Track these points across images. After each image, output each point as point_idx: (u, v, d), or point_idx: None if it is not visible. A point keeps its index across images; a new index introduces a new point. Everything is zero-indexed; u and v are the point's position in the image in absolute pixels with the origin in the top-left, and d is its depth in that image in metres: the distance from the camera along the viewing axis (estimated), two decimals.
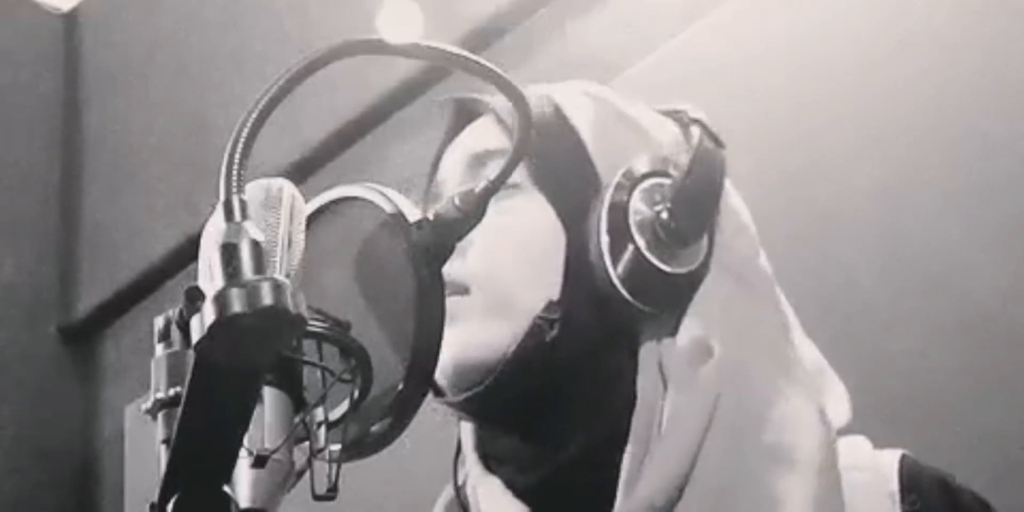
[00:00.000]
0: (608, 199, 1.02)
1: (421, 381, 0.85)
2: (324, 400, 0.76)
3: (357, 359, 0.78)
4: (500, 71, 0.87)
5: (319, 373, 0.76)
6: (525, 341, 1.01)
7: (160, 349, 0.74)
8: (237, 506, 0.69)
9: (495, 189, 0.93)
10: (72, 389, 3.24)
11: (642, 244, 1.00)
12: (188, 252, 2.13)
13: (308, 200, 0.86)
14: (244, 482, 0.71)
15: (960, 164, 1.80)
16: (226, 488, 0.68)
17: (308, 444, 0.75)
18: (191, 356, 0.65)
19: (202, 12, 3.15)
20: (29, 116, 3.41)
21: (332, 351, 0.77)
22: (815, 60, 1.99)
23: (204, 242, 0.75)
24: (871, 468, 1.01)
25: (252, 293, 0.63)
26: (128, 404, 3.02)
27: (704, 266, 1.03)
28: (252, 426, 0.70)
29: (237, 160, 0.70)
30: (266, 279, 0.64)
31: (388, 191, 0.92)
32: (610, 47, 2.30)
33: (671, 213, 1.01)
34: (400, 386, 0.83)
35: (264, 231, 0.74)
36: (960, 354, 1.72)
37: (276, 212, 0.78)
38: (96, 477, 3.17)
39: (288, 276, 0.76)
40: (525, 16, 2.46)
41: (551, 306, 1.02)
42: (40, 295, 3.27)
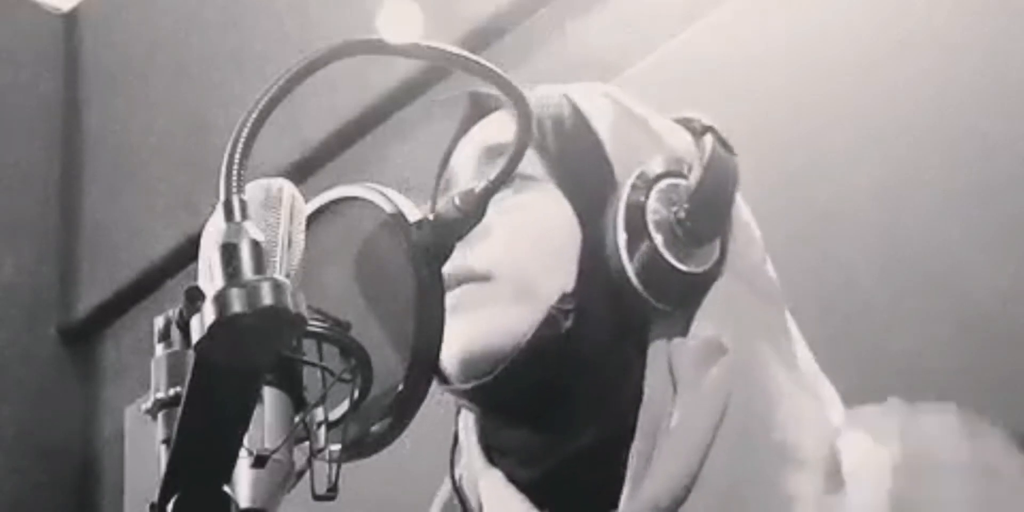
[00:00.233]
0: (626, 196, 1.03)
1: (421, 381, 0.85)
2: (324, 400, 0.76)
3: (357, 359, 0.78)
4: (500, 71, 0.87)
5: (319, 373, 0.76)
6: (540, 330, 1.02)
7: (160, 349, 0.74)
8: (237, 506, 0.69)
9: (495, 189, 0.93)
10: (72, 389, 3.24)
11: (658, 241, 1.01)
12: (188, 252, 2.13)
13: (308, 200, 0.86)
14: (244, 482, 0.71)
15: (960, 164, 1.80)
16: (226, 488, 0.68)
17: (308, 444, 0.75)
18: (191, 356, 0.66)
19: (202, 12, 3.15)
20: (29, 116, 3.41)
21: (332, 351, 0.77)
22: (815, 60, 1.99)
23: (204, 242, 0.75)
24: (866, 470, 1.01)
25: (252, 293, 0.64)
26: (128, 404, 3.02)
27: (716, 268, 1.04)
28: (252, 426, 0.70)
29: (237, 160, 0.70)
30: (266, 279, 0.64)
31: (388, 191, 0.92)
32: (610, 47, 2.30)
33: (687, 213, 1.02)
34: (400, 386, 0.83)
35: (264, 231, 0.74)
36: (960, 354, 1.72)
37: (276, 212, 0.78)
38: (96, 477, 3.17)
39: (288, 276, 0.76)
40: (525, 16, 2.46)
41: (565, 298, 1.03)
42: (40, 295, 3.27)
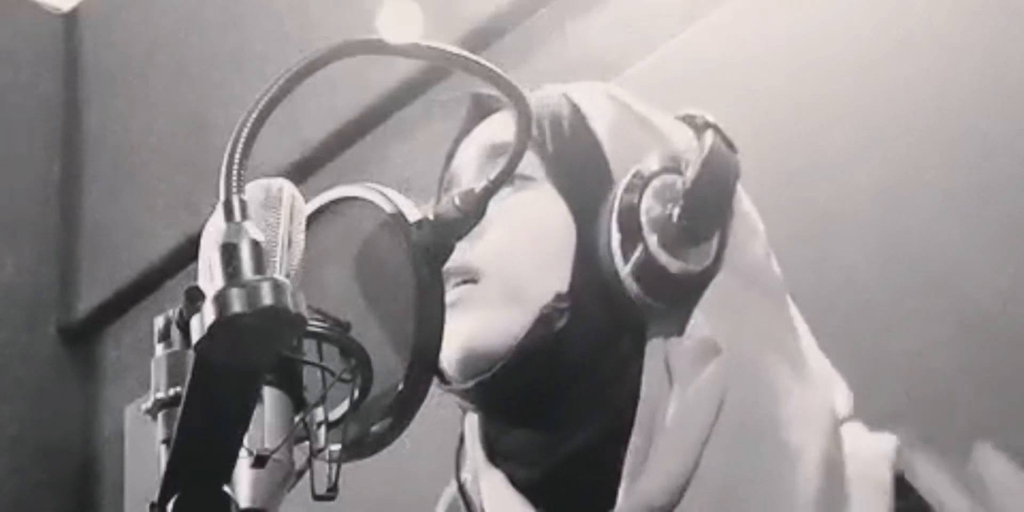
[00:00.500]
0: (620, 195, 1.03)
1: (421, 381, 0.85)
2: (324, 400, 0.76)
3: (357, 359, 0.78)
4: (500, 71, 0.87)
5: (319, 373, 0.76)
6: (534, 330, 1.02)
7: (160, 349, 0.74)
8: (237, 506, 0.69)
9: (495, 189, 0.93)
10: (72, 389, 3.24)
11: (652, 241, 1.01)
12: (188, 252, 2.13)
13: (308, 200, 0.86)
14: (244, 482, 0.71)
15: (960, 164, 1.80)
16: (226, 488, 0.68)
17: (308, 444, 0.75)
18: (191, 356, 0.66)
19: (202, 12, 3.15)
20: (29, 116, 3.41)
21: (332, 351, 0.77)
22: (815, 60, 1.99)
23: (204, 242, 0.75)
24: (865, 458, 1.01)
25: (252, 293, 0.63)
26: (128, 404, 3.02)
27: (713, 266, 1.03)
28: (252, 426, 0.70)
29: (237, 160, 0.70)
30: (266, 279, 0.64)
31: (388, 191, 0.92)
32: (610, 47, 2.30)
33: (683, 210, 1.02)
34: (400, 386, 0.83)
35: (264, 231, 0.74)
36: (960, 354, 1.72)
37: (276, 212, 0.78)
38: (96, 477, 3.17)
39: (288, 276, 0.76)
40: (525, 16, 2.46)
41: (559, 297, 1.03)
42: (40, 295, 3.27)
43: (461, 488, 1.09)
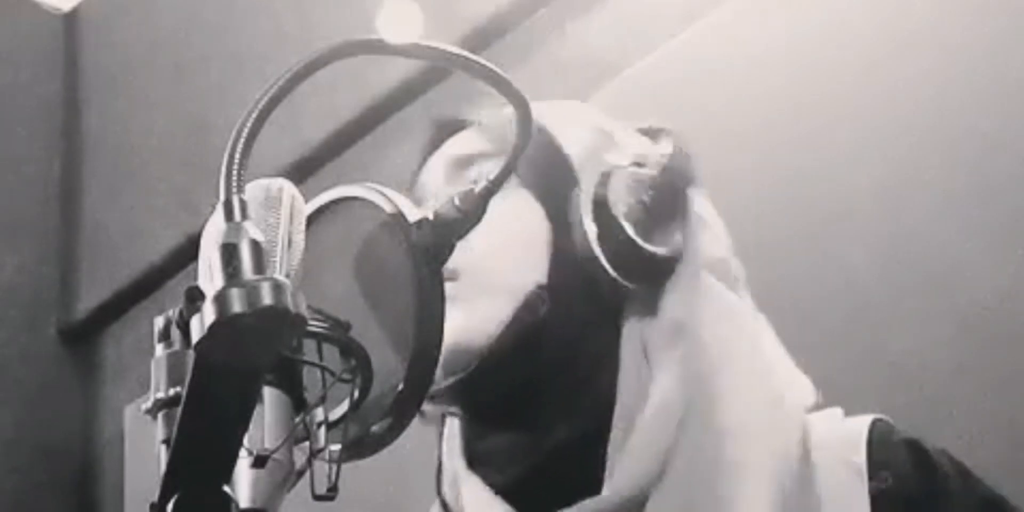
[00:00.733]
0: (591, 184, 1.06)
1: (421, 381, 0.85)
2: (324, 400, 0.76)
3: (357, 359, 0.78)
4: (500, 71, 0.87)
5: (319, 373, 0.76)
6: (518, 316, 1.03)
7: (160, 349, 0.74)
8: (237, 506, 0.69)
9: (495, 189, 0.93)
10: (72, 389, 3.24)
11: (625, 225, 1.04)
12: (188, 252, 2.13)
13: (308, 200, 0.86)
14: (244, 482, 0.71)
15: (960, 164, 1.80)
16: (226, 488, 0.68)
17: (308, 444, 0.75)
18: (191, 356, 0.65)
19: (202, 12, 3.15)
20: (29, 116, 3.41)
21: (332, 351, 0.77)
22: (815, 60, 1.99)
23: (204, 242, 0.75)
24: (837, 442, 1.01)
25: (252, 293, 0.63)
26: (128, 404, 3.02)
27: (682, 250, 1.06)
28: (252, 426, 0.70)
29: (237, 160, 0.70)
30: (266, 279, 0.64)
31: (388, 191, 0.92)
32: (610, 47, 2.30)
33: (649, 195, 1.06)
34: (400, 386, 0.83)
35: (264, 231, 0.74)
36: (960, 354, 1.72)
37: (276, 212, 0.78)
38: (96, 477, 3.17)
39: (288, 276, 0.76)
40: (525, 16, 2.47)
41: (540, 287, 1.05)
42: (40, 295, 3.27)
43: (444, 506, 1.09)
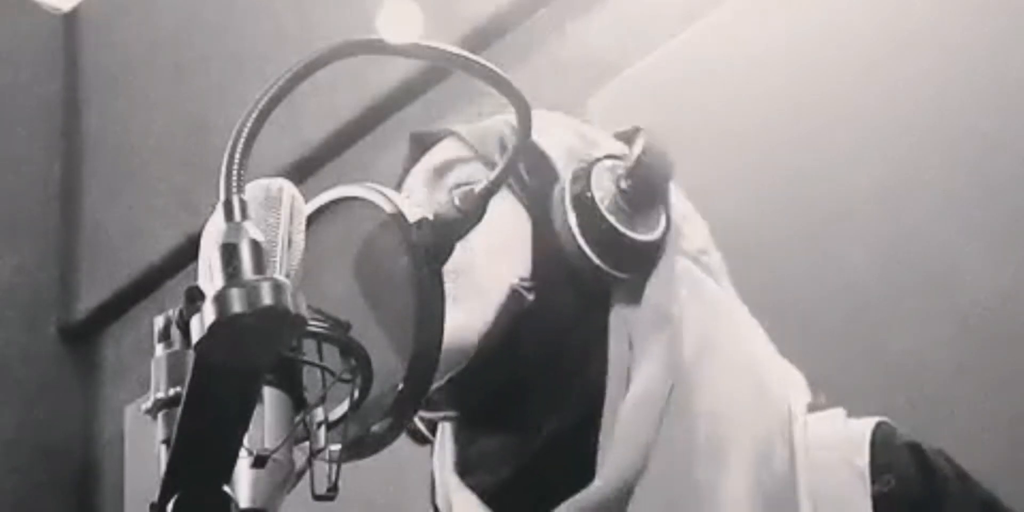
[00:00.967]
0: (570, 178, 1.05)
1: (421, 381, 0.85)
2: (324, 400, 0.76)
3: (357, 359, 0.78)
4: (500, 71, 0.87)
5: (319, 373, 0.76)
6: (505, 309, 1.03)
7: (160, 349, 0.74)
8: (237, 506, 0.69)
9: (495, 189, 0.93)
10: (72, 389, 3.24)
11: (606, 213, 1.04)
12: (188, 252, 2.13)
13: (308, 200, 0.86)
14: (244, 482, 0.71)
15: (960, 164, 1.80)
16: (226, 488, 0.68)
17: (308, 444, 0.75)
18: (191, 356, 0.65)
19: (202, 12, 3.15)
20: (29, 116, 3.41)
21: (332, 351, 0.77)
22: (815, 60, 1.99)
23: (204, 242, 0.75)
24: (840, 444, 1.01)
25: (252, 293, 0.63)
26: (128, 404, 3.02)
27: (664, 238, 1.06)
28: (252, 426, 0.70)
29: (237, 160, 0.70)
30: (266, 279, 0.64)
31: (388, 191, 0.92)
32: (610, 47, 2.30)
33: (629, 183, 1.05)
34: (400, 386, 0.83)
35: (264, 231, 0.74)
36: (960, 354, 1.72)
37: (276, 212, 0.78)
38: (96, 477, 3.17)
39: (288, 276, 0.76)
40: (525, 16, 2.47)
41: (524, 278, 1.05)
42: (40, 295, 3.27)
43: None
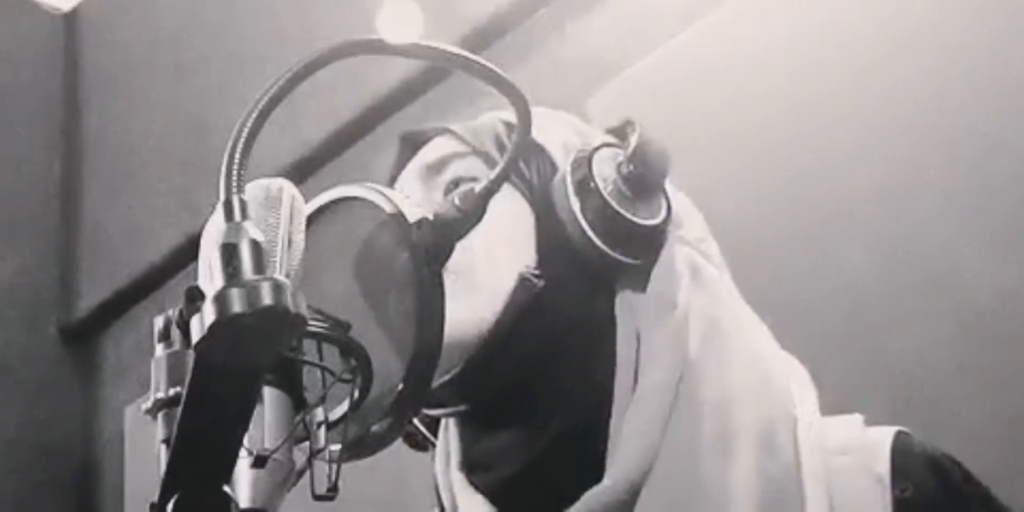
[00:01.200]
0: (571, 164, 1.05)
1: (421, 381, 0.85)
2: (324, 400, 0.76)
3: (357, 359, 0.78)
4: (500, 71, 0.87)
5: (319, 373, 0.76)
6: (513, 299, 1.02)
7: (160, 349, 0.74)
8: (237, 506, 0.69)
9: (496, 188, 0.93)
10: (72, 389, 3.24)
11: (609, 198, 1.03)
12: (188, 252, 2.13)
13: (308, 200, 0.86)
14: (244, 482, 0.71)
15: (960, 164, 1.80)
16: (226, 488, 0.68)
17: (308, 444, 0.75)
18: (191, 356, 0.65)
19: (202, 12, 3.15)
20: (29, 116, 3.41)
21: (332, 351, 0.77)
22: (815, 60, 1.99)
23: (204, 242, 0.75)
24: (859, 450, 1.01)
25: (252, 293, 0.63)
26: (128, 404, 3.02)
27: (666, 224, 1.06)
28: (252, 426, 0.70)
29: (237, 160, 0.70)
30: (266, 279, 0.64)
31: (388, 191, 0.92)
32: (610, 47, 2.30)
33: (629, 168, 1.04)
34: (400, 386, 0.83)
35: (264, 231, 0.74)
36: (960, 354, 1.72)
37: (276, 212, 0.78)
38: (96, 477, 3.17)
39: (288, 276, 0.76)
40: (525, 16, 2.47)
41: (530, 268, 1.04)
42: (40, 295, 3.28)
43: None
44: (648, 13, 2.27)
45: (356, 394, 0.78)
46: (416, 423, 1.10)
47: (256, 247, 0.67)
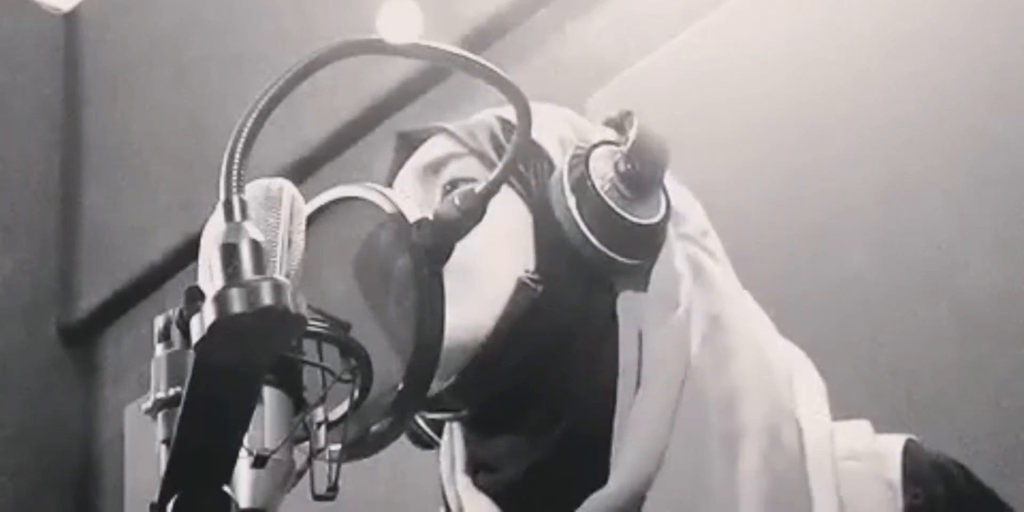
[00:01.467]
0: (567, 163, 1.05)
1: (421, 380, 0.85)
2: (324, 400, 0.76)
3: (357, 359, 0.78)
4: (500, 71, 0.87)
5: (319, 373, 0.76)
6: (513, 302, 1.02)
7: (160, 349, 0.74)
8: (237, 506, 0.69)
9: (496, 189, 0.93)
10: (72, 389, 3.24)
11: (606, 198, 1.03)
12: (188, 252, 2.13)
13: (308, 200, 0.86)
14: (244, 482, 0.71)
15: (960, 164, 1.80)
16: (226, 488, 0.68)
17: (308, 444, 0.75)
18: (191, 356, 0.65)
19: (202, 12, 3.15)
20: (29, 116, 3.41)
21: (332, 351, 0.77)
22: (815, 60, 1.99)
23: (204, 242, 0.75)
24: (870, 456, 1.01)
25: (252, 293, 0.63)
26: (128, 404, 3.02)
27: (665, 221, 1.05)
28: (252, 426, 0.70)
29: (237, 160, 0.70)
30: (266, 279, 0.64)
31: (388, 191, 0.92)
32: (610, 47, 2.30)
33: (626, 167, 1.04)
34: (400, 386, 0.83)
35: (264, 231, 0.74)
36: (960, 354, 1.72)
37: (276, 212, 0.78)
38: (96, 477, 3.18)
39: (288, 276, 0.76)
40: (525, 16, 2.47)
41: (529, 272, 1.04)
42: (40, 295, 3.28)
43: None
44: (648, 13, 2.27)
45: (356, 394, 0.78)
46: (420, 423, 1.10)
47: (256, 247, 0.67)
